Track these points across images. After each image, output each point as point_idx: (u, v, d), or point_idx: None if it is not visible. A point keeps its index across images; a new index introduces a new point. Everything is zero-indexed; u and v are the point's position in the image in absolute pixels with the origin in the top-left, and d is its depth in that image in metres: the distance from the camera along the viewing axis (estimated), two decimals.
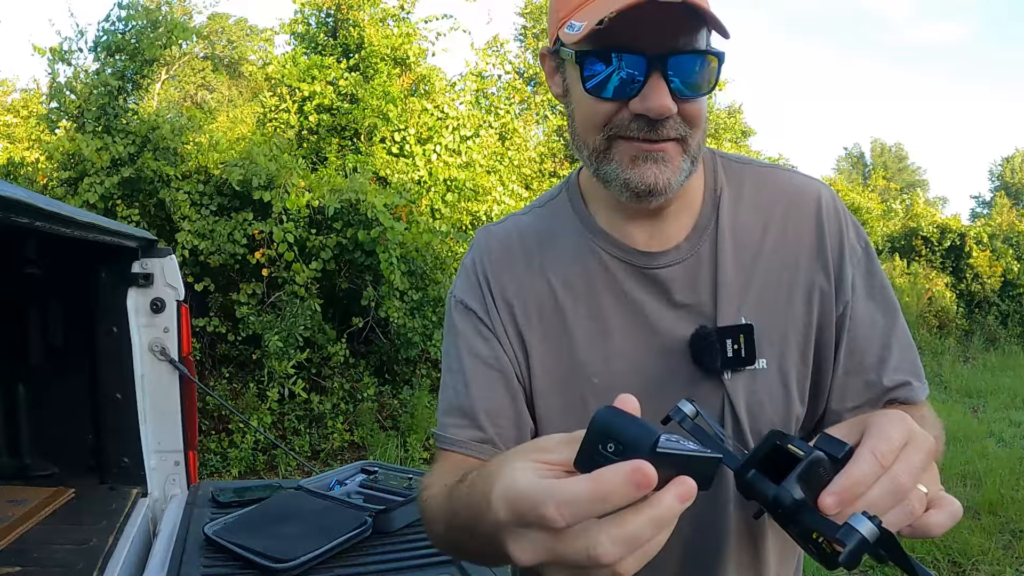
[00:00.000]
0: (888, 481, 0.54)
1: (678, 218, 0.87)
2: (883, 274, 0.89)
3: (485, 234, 0.95)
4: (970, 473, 5.04)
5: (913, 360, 0.87)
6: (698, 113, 0.77)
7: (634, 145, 0.76)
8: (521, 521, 0.48)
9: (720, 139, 11.80)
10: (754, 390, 0.84)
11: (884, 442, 0.55)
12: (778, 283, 0.85)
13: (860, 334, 0.85)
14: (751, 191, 0.89)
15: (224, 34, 20.98)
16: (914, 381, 0.85)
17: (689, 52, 0.73)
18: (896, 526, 0.54)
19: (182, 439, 2.28)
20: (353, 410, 5.60)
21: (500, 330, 0.89)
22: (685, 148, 0.78)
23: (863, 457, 0.54)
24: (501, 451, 0.81)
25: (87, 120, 5.36)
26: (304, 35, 7.61)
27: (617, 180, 0.79)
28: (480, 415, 0.86)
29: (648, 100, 0.72)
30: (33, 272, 2.25)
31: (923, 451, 0.56)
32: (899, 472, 0.54)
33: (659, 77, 0.72)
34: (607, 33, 0.70)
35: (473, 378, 0.87)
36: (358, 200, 5.31)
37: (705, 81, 0.75)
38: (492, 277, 0.91)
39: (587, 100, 0.77)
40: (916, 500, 0.55)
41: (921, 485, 0.56)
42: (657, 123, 0.74)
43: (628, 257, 0.87)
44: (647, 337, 0.85)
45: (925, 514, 0.56)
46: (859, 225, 0.91)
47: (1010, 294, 12.19)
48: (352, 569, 1.50)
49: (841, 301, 0.86)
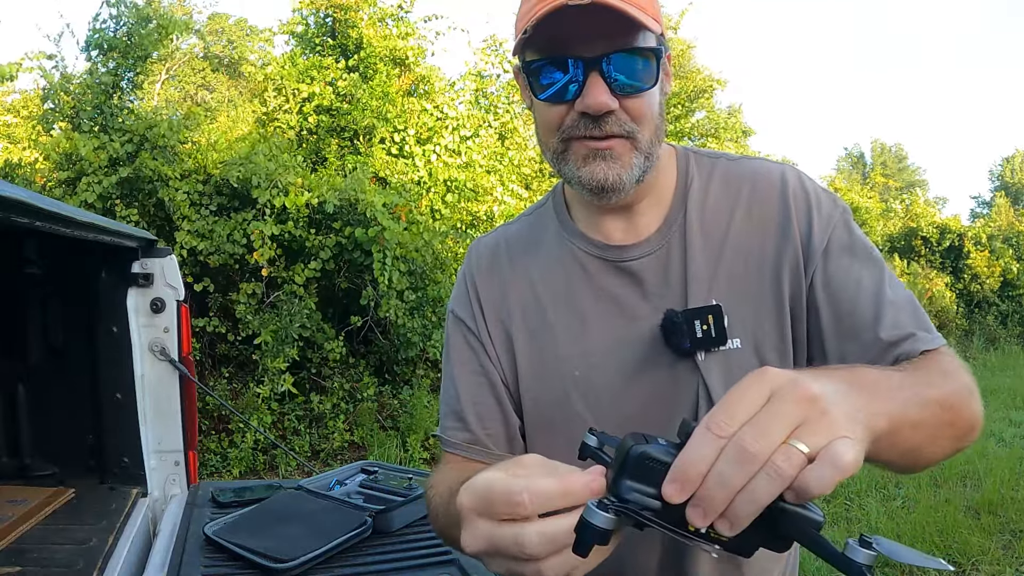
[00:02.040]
0: (732, 450, 0.47)
1: (650, 212, 0.92)
2: (865, 238, 0.89)
3: (475, 246, 1.04)
4: (970, 473, 5.04)
5: (912, 312, 0.83)
6: (643, 108, 0.81)
7: (584, 144, 0.82)
8: (483, 508, 0.56)
9: (720, 139, 11.80)
10: (730, 369, 0.85)
11: (721, 410, 0.49)
12: (746, 264, 0.88)
13: (845, 296, 0.84)
14: (719, 182, 0.92)
15: (224, 34, 20.97)
16: (919, 332, 0.81)
17: (625, 51, 0.78)
18: (765, 496, 0.47)
19: (182, 439, 2.28)
20: (353, 410, 5.60)
21: (485, 336, 0.96)
22: (635, 145, 0.82)
23: (696, 433, 0.49)
24: (492, 451, 0.93)
25: (83, 120, 5.35)
26: (303, 36, 7.61)
27: (574, 179, 0.84)
28: (470, 419, 0.95)
29: (587, 98, 0.78)
30: (33, 272, 2.25)
31: (793, 400, 0.49)
32: (743, 436, 0.47)
33: (597, 76, 0.78)
34: (549, 43, 0.78)
35: (463, 385, 0.97)
36: (357, 199, 5.31)
37: (646, 77, 0.80)
38: (479, 286, 0.99)
39: (541, 106, 0.84)
40: (783, 460, 0.47)
41: (798, 441, 0.47)
42: (600, 120, 0.80)
43: (602, 253, 0.92)
44: (624, 328, 0.89)
45: (802, 472, 0.47)
46: (835, 195, 0.91)
47: (1009, 294, 12.20)
48: (352, 569, 1.50)
49: (810, 271, 0.85)
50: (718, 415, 0.49)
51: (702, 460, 0.48)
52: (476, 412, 0.95)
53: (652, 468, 0.51)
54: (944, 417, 0.69)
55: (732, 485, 0.47)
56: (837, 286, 0.84)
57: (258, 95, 8.01)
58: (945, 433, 0.70)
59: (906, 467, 0.72)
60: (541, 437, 0.95)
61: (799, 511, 0.49)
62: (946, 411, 0.69)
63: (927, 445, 0.69)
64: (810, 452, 0.47)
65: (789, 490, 0.47)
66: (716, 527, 0.49)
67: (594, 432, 0.63)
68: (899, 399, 0.63)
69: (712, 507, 0.48)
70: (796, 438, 0.48)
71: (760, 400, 0.49)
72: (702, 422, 0.49)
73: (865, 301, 0.83)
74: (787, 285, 0.86)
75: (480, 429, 0.94)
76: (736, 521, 0.48)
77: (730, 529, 0.49)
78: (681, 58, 12.22)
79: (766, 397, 0.49)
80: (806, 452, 0.47)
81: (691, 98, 11.80)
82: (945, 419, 0.69)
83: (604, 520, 0.51)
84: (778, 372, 0.51)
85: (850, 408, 0.52)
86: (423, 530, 1.68)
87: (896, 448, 0.64)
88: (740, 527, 0.49)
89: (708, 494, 0.48)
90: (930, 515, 4.12)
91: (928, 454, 0.71)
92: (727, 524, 0.49)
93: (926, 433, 0.67)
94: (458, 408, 0.96)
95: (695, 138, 11.85)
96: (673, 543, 0.87)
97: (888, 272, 0.86)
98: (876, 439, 0.56)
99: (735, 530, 0.49)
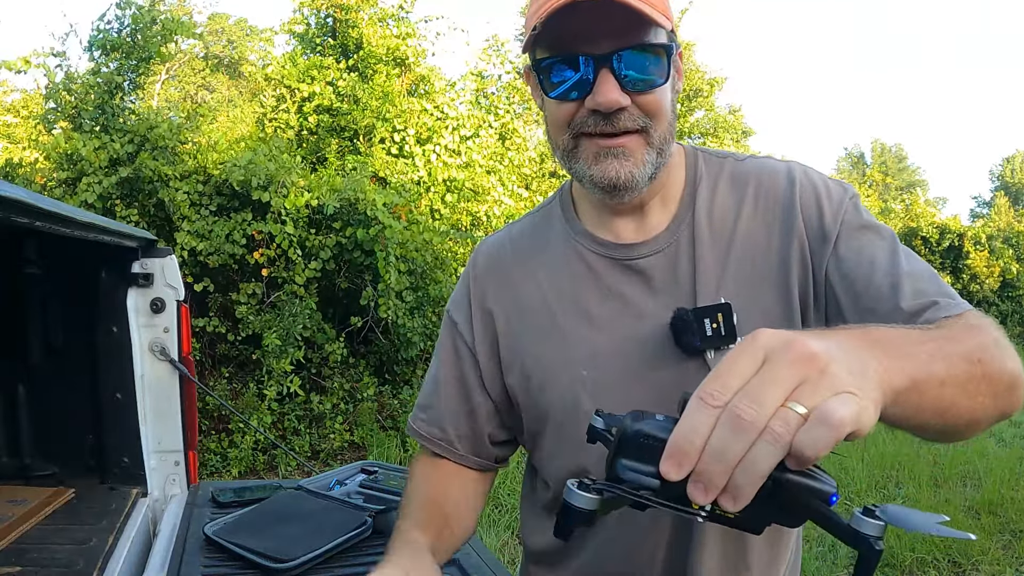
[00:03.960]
0: (726, 419, 0.45)
1: (659, 211, 0.92)
2: (875, 219, 0.88)
3: (479, 246, 1.04)
4: (970, 473, 5.05)
5: (932, 279, 0.80)
6: (656, 104, 0.81)
7: (595, 142, 0.82)
8: None
9: (721, 138, 11.81)
10: None
11: (713, 379, 0.47)
12: (754, 262, 0.87)
13: (861, 273, 0.81)
14: (727, 181, 0.92)
15: (224, 34, 20.97)
16: (941, 300, 0.76)
17: (635, 47, 0.78)
18: (764, 464, 0.44)
19: (182, 439, 2.28)
20: (353, 410, 5.59)
21: (474, 342, 0.99)
22: (648, 140, 0.82)
23: (690, 406, 0.47)
24: (457, 450, 1.00)
25: (84, 120, 5.35)
26: (303, 35, 7.61)
27: (585, 177, 0.84)
28: (443, 418, 1.00)
29: (598, 95, 0.78)
30: (33, 272, 2.25)
31: (788, 362, 0.45)
32: (737, 404, 0.45)
33: (608, 73, 0.78)
34: (559, 40, 0.78)
35: (442, 386, 1.01)
36: (357, 199, 5.31)
37: (657, 73, 0.80)
38: (478, 289, 1.00)
39: (551, 103, 0.83)
40: (780, 424, 0.44)
41: (796, 403, 0.44)
42: (612, 116, 0.79)
43: (609, 252, 0.92)
44: (632, 326, 0.89)
45: (795, 435, 0.44)
46: (844, 182, 0.91)
47: (1009, 294, 12.19)
48: (352, 569, 1.50)
49: (825, 259, 0.84)
50: (710, 384, 0.46)
51: (696, 433, 0.45)
52: (450, 413, 1.00)
53: (649, 445, 0.49)
54: (974, 371, 0.64)
55: (730, 457, 0.44)
56: (852, 265, 0.82)
57: (258, 95, 8.01)
58: (981, 389, 0.64)
59: (947, 430, 0.66)
60: (550, 438, 0.95)
61: (802, 480, 0.46)
62: (974, 365, 0.64)
63: (962, 402, 0.63)
64: (807, 412, 0.44)
65: (789, 457, 0.44)
66: (720, 503, 0.46)
67: (600, 414, 0.62)
68: (918, 353, 0.58)
69: (712, 482, 0.45)
70: (794, 400, 0.44)
71: (754, 365, 0.46)
72: (695, 393, 0.47)
73: (881, 276, 0.80)
74: (795, 280, 0.86)
75: (451, 429, 1.00)
76: (739, 494, 0.45)
77: (734, 504, 0.46)
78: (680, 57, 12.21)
79: (760, 361, 0.46)
80: (803, 413, 0.44)
81: (690, 97, 11.80)
82: (976, 373, 0.64)
83: (584, 500, 0.50)
84: (772, 333, 0.48)
85: (856, 364, 0.48)
86: None
87: (926, 408, 0.59)
88: (744, 501, 0.45)
89: (706, 468, 0.45)
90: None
91: (967, 414, 0.64)
92: (730, 499, 0.46)
93: (957, 389, 0.62)
94: (434, 402, 1.02)
95: (694, 137, 11.86)
96: (678, 537, 0.88)
97: (903, 247, 0.84)
98: (897, 397, 0.52)
99: (739, 505, 0.46)
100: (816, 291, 0.85)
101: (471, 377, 0.99)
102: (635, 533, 0.89)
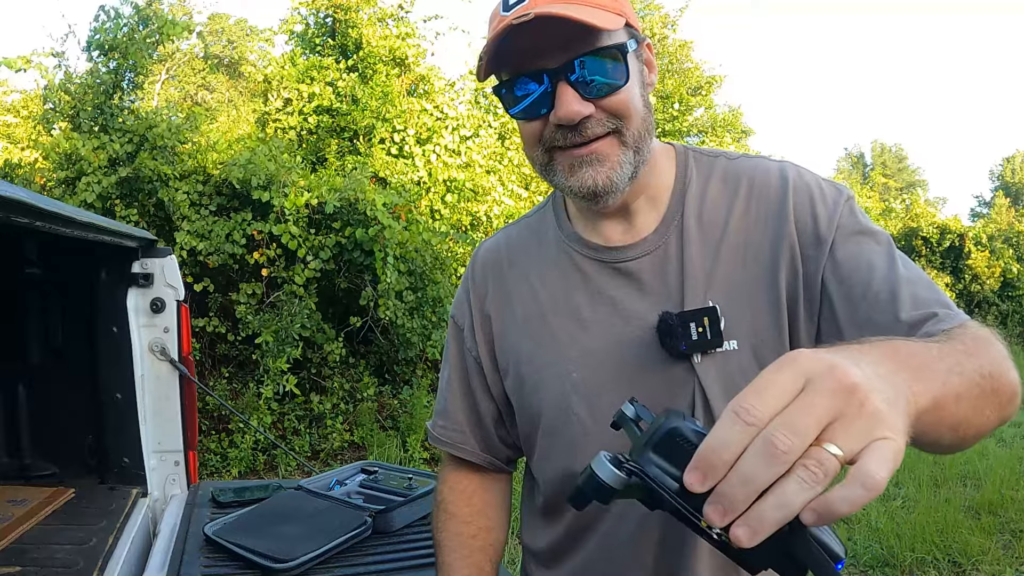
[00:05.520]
0: (760, 444, 0.42)
1: (647, 212, 0.91)
2: (871, 222, 0.86)
3: (477, 250, 1.06)
4: (970, 473, 5.05)
5: (929, 287, 0.79)
6: (622, 104, 0.79)
7: (568, 153, 0.81)
8: None
9: (721, 138, 11.80)
10: (728, 372, 0.84)
11: (751, 393, 0.44)
12: (743, 264, 0.86)
13: (858, 279, 0.80)
14: (718, 180, 0.91)
15: (224, 34, 20.98)
16: (940, 311, 0.75)
17: (587, 54, 0.76)
18: (796, 501, 0.42)
19: (182, 439, 2.28)
20: (353, 410, 5.59)
21: (476, 347, 1.01)
22: (621, 140, 0.81)
23: (723, 417, 0.44)
24: (476, 453, 1.04)
25: (83, 120, 5.35)
26: (303, 36, 7.61)
27: (565, 188, 0.84)
28: (459, 418, 1.04)
29: (559, 110, 0.78)
30: (33, 272, 2.25)
31: (829, 392, 0.43)
32: (775, 431, 0.42)
33: (565, 85, 0.77)
34: (512, 61, 0.79)
35: (453, 391, 1.05)
36: (357, 199, 5.31)
37: (616, 75, 0.78)
38: (477, 294, 1.02)
39: (520, 123, 0.84)
40: (816, 465, 0.41)
41: (831, 444, 0.42)
42: (579, 126, 0.79)
43: (598, 255, 0.92)
44: (620, 328, 0.88)
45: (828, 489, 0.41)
46: (838, 183, 0.89)
47: (1010, 294, 12.19)
48: (352, 569, 1.50)
49: (820, 262, 0.83)
50: (747, 398, 0.44)
51: (726, 448, 0.43)
52: (463, 411, 1.04)
53: (679, 447, 0.48)
54: (986, 385, 0.64)
55: (756, 484, 0.42)
56: (848, 270, 0.81)
57: (258, 95, 8.01)
58: (990, 402, 0.65)
59: (953, 443, 0.66)
60: (542, 439, 0.95)
61: (821, 536, 0.45)
62: (987, 379, 0.64)
63: (973, 417, 0.63)
64: (844, 456, 0.42)
65: (813, 507, 0.42)
66: (735, 534, 0.43)
67: (634, 403, 0.60)
68: (940, 371, 0.58)
69: (733, 506, 0.43)
70: (830, 437, 0.42)
71: (793, 387, 0.44)
72: (729, 405, 0.44)
73: (879, 282, 0.79)
74: (784, 282, 0.84)
75: (467, 433, 1.05)
76: (760, 527, 0.43)
77: (751, 536, 0.43)
78: (679, 55, 12.21)
79: (800, 385, 0.44)
80: (839, 456, 0.42)
81: (690, 93, 11.78)
82: (987, 387, 0.64)
83: (611, 475, 0.49)
84: (814, 356, 0.45)
85: (891, 392, 0.47)
86: (423, 530, 1.68)
87: (942, 424, 0.59)
88: (763, 535, 0.43)
89: (731, 490, 0.43)
90: (930, 515, 4.12)
91: (975, 426, 0.65)
92: (748, 531, 0.43)
93: (970, 404, 0.62)
94: (448, 407, 1.05)
95: (694, 136, 11.85)
96: (670, 538, 0.87)
97: (899, 252, 0.83)
98: (920, 417, 0.52)
99: (756, 539, 0.43)
100: (808, 295, 0.83)
101: (476, 382, 1.02)
102: (635, 533, 0.89)
